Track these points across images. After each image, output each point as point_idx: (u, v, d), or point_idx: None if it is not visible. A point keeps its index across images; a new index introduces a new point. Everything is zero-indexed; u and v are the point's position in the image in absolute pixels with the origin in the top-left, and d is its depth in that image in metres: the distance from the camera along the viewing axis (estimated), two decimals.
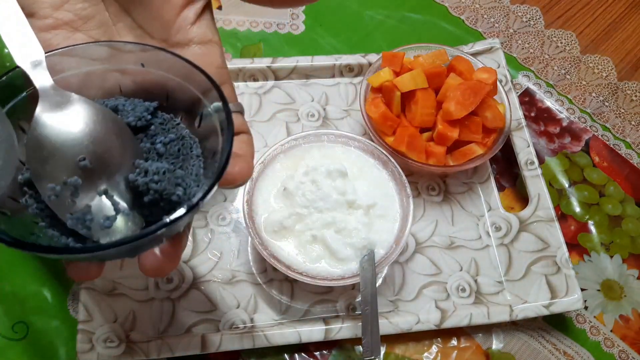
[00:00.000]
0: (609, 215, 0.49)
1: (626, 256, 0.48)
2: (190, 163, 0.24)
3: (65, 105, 0.22)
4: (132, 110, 0.24)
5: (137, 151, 0.23)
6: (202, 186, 0.23)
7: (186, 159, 0.24)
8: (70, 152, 0.22)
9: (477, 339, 0.43)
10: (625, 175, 0.52)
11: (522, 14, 0.61)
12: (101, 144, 0.22)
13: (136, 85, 0.25)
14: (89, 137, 0.22)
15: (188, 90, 0.24)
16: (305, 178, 0.41)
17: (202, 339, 0.38)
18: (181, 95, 0.24)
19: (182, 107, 0.25)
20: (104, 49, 0.24)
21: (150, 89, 0.25)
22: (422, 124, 0.45)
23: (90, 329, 0.38)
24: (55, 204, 0.21)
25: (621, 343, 0.44)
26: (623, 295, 0.46)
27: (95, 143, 0.22)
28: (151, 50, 0.24)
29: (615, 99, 0.56)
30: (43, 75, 0.22)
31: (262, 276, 0.42)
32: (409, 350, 0.42)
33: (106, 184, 0.22)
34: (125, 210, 0.22)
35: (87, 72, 0.24)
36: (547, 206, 0.46)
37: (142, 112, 0.24)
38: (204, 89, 0.23)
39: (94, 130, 0.22)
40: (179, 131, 0.24)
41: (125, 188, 0.22)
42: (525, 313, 0.42)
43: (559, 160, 0.52)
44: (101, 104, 0.24)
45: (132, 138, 0.23)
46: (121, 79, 0.25)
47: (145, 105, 0.24)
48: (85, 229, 0.21)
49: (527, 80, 0.56)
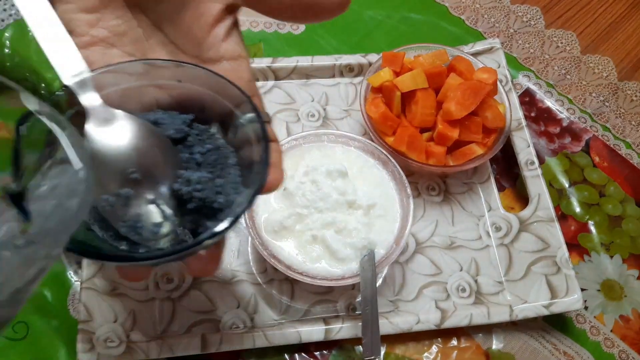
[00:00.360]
0: (609, 215, 0.49)
1: (626, 256, 0.48)
2: (227, 172, 0.25)
3: (112, 121, 0.23)
4: (171, 123, 0.25)
5: (178, 162, 0.25)
6: (242, 194, 0.24)
7: (223, 168, 0.25)
8: (120, 165, 0.23)
9: (477, 339, 0.43)
10: (625, 175, 0.52)
11: (522, 14, 0.61)
12: (147, 157, 0.24)
13: (172, 99, 0.26)
14: (136, 151, 0.24)
15: (222, 103, 0.25)
16: (305, 178, 0.41)
17: (202, 339, 0.38)
18: (215, 108, 0.26)
19: (216, 119, 0.26)
20: (142, 66, 0.25)
21: (185, 103, 0.26)
22: (422, 124, 0.45)
23: (90, 329, 0.38)
24: (108, 213, 0.23)
25: (621, 343, 0.44)
26: (623, 296, 0.46)
27: (141, 156, 0.24)
28: (186, 67, 0.25)
29: (615, 99, 0.56)
30: (90, 93, 0.23)
31: (262, 276, 0.42)
32: (409, 350, 0.42)
33: (152, 193, 0.23)
34: (171, 217, 0.23)
35: (126, 87, 0.25)
36: (547, 206, 0.46)
37: (180, 124, 0.25)
38: (237, 102, 0.25)
39: (139, 144, 0.24)
40: (214, 141, 0.26)
41: (170, 197, 0.24)
42: (525, 313, 0.42)
43: (559, 160, 0.52)
44: (142, 118, 0.25)
45: (173, 149, 0.25)
46: (158, 93, 0.26)
47: (182, 118, 0.26)
48: (137, 235, 0.23)
49: (528, 80, 0.56)
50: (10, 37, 0.52)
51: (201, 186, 0.23)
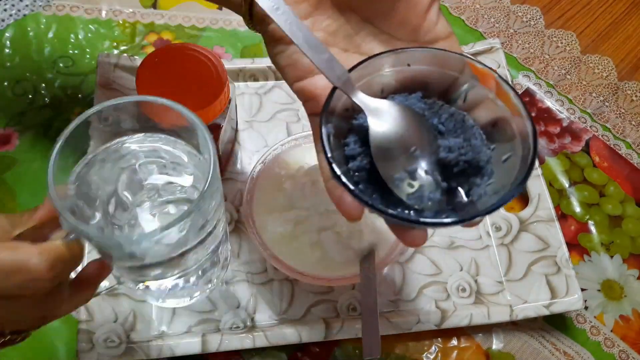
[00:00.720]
0: (609, 215, 0.49)
1: (626, 256, 0.48)
2: (472, 132, 0.27)
3: (381, 111, 0.26)
4: (409, 104, 0.28)
5: (434, 134, 0.27)
6: (495, 148, 0.27)
7: (465, 130, 0.27)
8: (402, 147, 0.26)
9: (477, 339, 0.43)
10: (625, 175, 0.52)
11: (522, 14, 0.61)
12: (418, 135, 0.27)
13: (397, 83, 0.28)
14: (409, 132, 0.27)
15: (445, 74, 0.28)
16: (305, 178, 0.41)
17: (202, 339, 0.39)
18: (440, 81, 0.28)
19: (440, 91, 0.28)
20: (380, 60, 0.27)
21: (409, 84, 0.28)
22: None
23: (90, 328, 0.38)
24: (398, 188, 0.25)
25: (621, 343, 0.44)
26: (623, 295, 0.46)
27: (414, 135, 0.27)
28: (409, 51, 0.27)
29: (615, 99, 0.56)
30: (356, 91, 0.26)
31: (262, 276, 0.42)
32: (409, 350, 0.42)
33: (427, 165, 0.26)
34: (443, 184, 0.26)
35: (366, 80, 0.27)
36: (547, 206, 0.46)
37: (416, 102, 0.28)
38: (460, 68, 0.27)
39: (410, 125, 0.27)
40: (447, 110, 0.28)
41: (435, 166, 0.26)
42: (526, 313, 0.42)
43: (559, 160, 0.52)
44: (396, 102, 0.28)
45: (428, 124, 0.27)
46: (383, 79, 0.28)
47: (414, 97, 0.28)
48: (420, 203, 0.25)
49: (528, 80, 0.56)
50: (11, 37, 0.53)
51: (464, 150, 0.26)
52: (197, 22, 0.56)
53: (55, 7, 0.55)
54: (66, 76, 0.51)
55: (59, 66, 0.51)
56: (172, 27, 0.55)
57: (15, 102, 0.49)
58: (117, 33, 0.54)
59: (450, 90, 0.28)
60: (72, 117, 0.49)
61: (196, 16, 0.56)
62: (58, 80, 0.51)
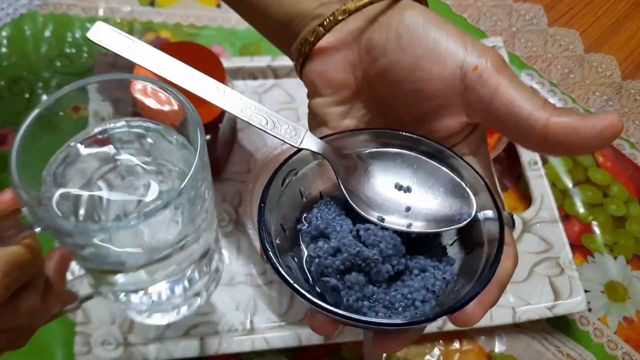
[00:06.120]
0: (612, 216, 0.49)
1: (630, 257, 0.47)
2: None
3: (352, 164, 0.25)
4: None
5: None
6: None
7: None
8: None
9: (480, 342, 0.42)
10: (629, 175, 0.51)
11: (525, 12, 0.60)
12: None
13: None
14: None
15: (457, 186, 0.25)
16: None
17: (200, 341, 0.38)
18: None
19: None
20: (369, 136, 0.26)
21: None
22: None
23: (88, 331, 0.38)
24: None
25: (625, 345, 0.43)
26: (627, 297, 0.45)
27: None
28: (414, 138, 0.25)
29: (619, 98, 0.55)
30: (320, 145, 0.24)
31: (262, 278, 0.42)
32: (410, 353, 0.41)
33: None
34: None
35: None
36: (550, 207, 0.46)
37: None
38: (475, 190, 0.24)
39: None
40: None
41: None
42: (528, 315, 0.41)
43: (562, 160, 0.51)
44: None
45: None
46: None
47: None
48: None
49: (531, 79, 0.56)
50: (7, 36, 0.52)
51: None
52: (196, 21, 0.55)
53: (52, 6, 0.54)
54: (63, 75, 0.50)
55: (56, 65, 0.51)
56: (170, 25, 0.54)
57: (12, 101, 0.49)
58: None
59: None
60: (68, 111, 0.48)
61: (194, 14, 0.55)
62: (55, 79, 0.50)
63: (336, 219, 0.24)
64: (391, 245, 0.23)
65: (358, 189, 0.25)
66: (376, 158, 0.26)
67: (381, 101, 0.27)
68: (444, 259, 0.24)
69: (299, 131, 0.24)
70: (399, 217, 0.24)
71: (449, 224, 0.24)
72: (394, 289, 0.23)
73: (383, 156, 0.26)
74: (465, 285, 0.22)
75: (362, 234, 0.23)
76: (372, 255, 0.22)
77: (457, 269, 0.24)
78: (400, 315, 0.22)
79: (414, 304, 0.22)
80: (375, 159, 0.26)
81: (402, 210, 0.25)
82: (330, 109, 0.27)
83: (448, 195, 0.25)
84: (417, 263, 0.24)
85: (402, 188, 0.25)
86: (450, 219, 0.24)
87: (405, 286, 0.23)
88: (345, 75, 0.26)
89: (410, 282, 0.23)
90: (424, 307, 0.22)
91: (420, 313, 0.22)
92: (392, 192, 0.25)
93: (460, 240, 0.25)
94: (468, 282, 0.22)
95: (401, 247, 0.23)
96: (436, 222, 0.24)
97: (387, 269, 0.23)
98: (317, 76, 0.27)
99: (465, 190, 0.24)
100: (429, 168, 0.25)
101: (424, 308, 0.22)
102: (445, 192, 0.25)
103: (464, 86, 0.23)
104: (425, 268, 0.24)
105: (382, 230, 0.23)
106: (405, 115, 0.26)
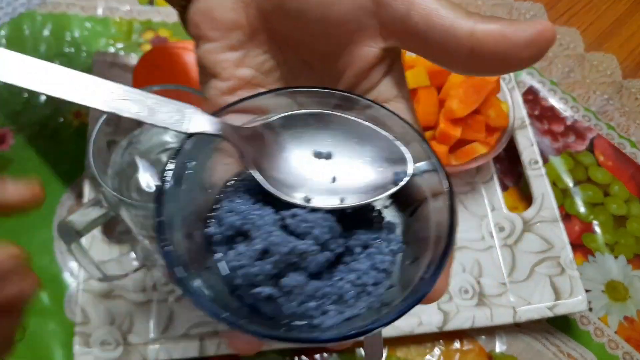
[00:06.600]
0: (613, 215, 0.49)
1: (631, 257, 0.47)
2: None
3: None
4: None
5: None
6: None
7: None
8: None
9: (480, 342, 0.42)
10: (630, 174, 0.51)
11: (525, 11, 0.60)
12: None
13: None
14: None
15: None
16: None
17: (200, 342, 0.38)
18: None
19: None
20: (289, 96, 0.22)
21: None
22: (424, 122, 0.44)
23: (87, 331, 0.38)
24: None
25: (625, 345, 0.43)
26: (628, 297, 0.45)
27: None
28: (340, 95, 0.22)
29: (619, 97, 0.55)
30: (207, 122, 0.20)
31: None
32: (410, 353, 0.41)
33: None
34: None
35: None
36: (551, 206, 0.46)
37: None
38: (407, 142, 0.21)
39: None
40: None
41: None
42: (529, 315, 0.41)
43: (563, 159, 0.51)
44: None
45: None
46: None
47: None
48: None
49: (531, 78, 0.55)
50: (6, 35, 0.52)
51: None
52: None
53: (51, 5, 0.54)
54: None
55: None
56: (169, 24, 0.54)
57: (11, 101, 0.49)
58: (114, 31, 0.53)
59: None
60: (69, 116, 0.48)
61: None
62: None
63: (253, 210, 0.20)
64: (327, 229, 0.19)
65: (273, 168, 0.21)
66: (286, 126, 0.21)
67: (283, 41, 0.23)
68: (384, 227, 0.21)
69: (186, 113, 0.20)
70: (327, 194, 0.21)
71: (385, 188, 0.20)
72: (338, 277, 0.20)
73: (293, 121, 0.21)
74: (419, 253, 0.19)
75: (289, 222, 0.19)
76: (308, 248, 0.19)
77: (401, 235, 0.21)
78: (354, 308, 0.19)
79: (365, 290, 0.20)
80: (286, 127, 0.21)
81: (328, 183, 0.21)
82: (221, 56, 0.23)
83: (376, 153, 0.21)
84: (357, 240, 0.20)
85: (322, 155, 0.21)
86: (385, 181, 0.21)
87: (351, 270, 0.20)
88: (235, 13, 0.22)
89: (356, 263, 0.20)
90: (378, 290, 0.20)
91: (375, 299, 0.19)
92: (313, 164, 0.21)
93: (398, 200, 0.21)
94: (421, 249, 0.19)
95: (337, 228, 0.20)
96: (370, 189, 0.21)
97: (326, 257, 0.19)
98: (202, 16, 0.22)
99: (394, 144, 0.21)
100: (349, 125, 0.21)
101: (378, 291, 0.20)
102: (373, 150, 0.21)
103: (376, 2, 0.20)
104: (367, 244, 0.20)
105: (312, 212, 0.20)
106: (313, 54, 0.23)
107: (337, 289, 0.19)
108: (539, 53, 0.19)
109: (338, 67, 0.22)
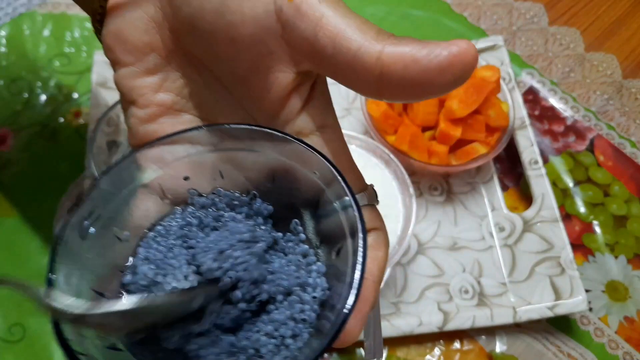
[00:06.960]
0: (613, 215, 0.49)
1: (631, 257, 0.47)
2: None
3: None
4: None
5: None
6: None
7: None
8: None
9: (480, 342, 0.42)
10: (630, 174, 0.51)
11: (525, 11, 0.60)
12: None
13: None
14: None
15: (310, 180, 0.20)
16: None
17: None
18: (304, 187, 0.21)
19: (305, 203, 0.21)
20: (210, 133, 0.21)
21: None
22: (424, 122, 0.44)
23: None
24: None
25: (625, 345, 0.43)
26: (628, 297, 0.45)
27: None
28: (260, 132, 0.20)
29: (620, 97, 0.55)
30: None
31: None
32: (410, 353, 0.41)
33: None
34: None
35: (195, 160, 0.21)
36: (551, 206, 0.46)
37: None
38: (328, 180, 0.19)
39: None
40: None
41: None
42: (529, 315, 0.41)
43: (563, 159, 0.51)
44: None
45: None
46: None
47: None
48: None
49: (531, 78, 0.55)
50: (6, 35, 0.52)
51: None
52: None
53: (51, 5, 0.54)
54: (62, 75, 0.50)
55: (54, 65, 0.51)
56: None
57: (11, 101, 0.49)
58: None
59: (317, 204, 0.21)
60: (68, 116, 0.48)
61: None
62: (54, 79, 0.50)
63: (169, 254, 0.19)
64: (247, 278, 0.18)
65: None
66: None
67: (200, 64, 0.21)
68: (312, 271, 0.20)
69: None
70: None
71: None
72: (256, 329, 0.19)
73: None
74: (336, 300, 0.18)
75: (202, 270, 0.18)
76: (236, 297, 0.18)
77: (326, 280, 0.19)
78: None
79: (284, 343, 0.18)
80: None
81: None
82: (138, 81, 0.21)
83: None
84: (278, 286, 0.19)
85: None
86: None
87: (270, 321, 0.19)
88: (148, 35, 0.21)
89: (276, 313, 0.19)
90: (297, 344, 0.18)
91: (294, 354, 0.18)
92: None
93: (326, 241, 0.20)
94: (339, 295, 0.18)
95: (263, 274, 0.19)
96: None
97: (242, 308, 0.18)
98: (114, 39, 0.21)
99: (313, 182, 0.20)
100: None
101: (297, 344, 0.18)
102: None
103: (281, 24, 0.19)
104: (290, 290, 0.19)
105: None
106: (231, 78, 0.21)
107: (253, 341, 0.18)
108: (456, 79, 0.18)
109: (255, 93, 0.21)
